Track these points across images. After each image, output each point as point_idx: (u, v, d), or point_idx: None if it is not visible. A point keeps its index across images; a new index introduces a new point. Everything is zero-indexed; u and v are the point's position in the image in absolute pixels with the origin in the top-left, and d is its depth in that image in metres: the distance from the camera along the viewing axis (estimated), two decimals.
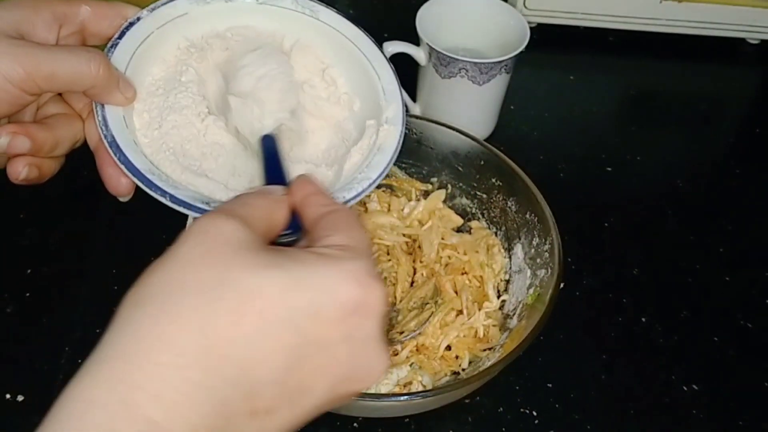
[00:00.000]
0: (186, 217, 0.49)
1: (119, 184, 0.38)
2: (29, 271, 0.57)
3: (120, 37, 0.40)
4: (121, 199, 0.39)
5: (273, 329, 0.26)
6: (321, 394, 0.28)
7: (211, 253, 0.27)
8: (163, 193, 0.36)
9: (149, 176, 0.37)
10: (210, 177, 0.40)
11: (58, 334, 0.54)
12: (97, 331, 0.59)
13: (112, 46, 0.39)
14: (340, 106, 0.45)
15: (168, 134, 0.40)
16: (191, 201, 0.37)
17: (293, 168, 0.41)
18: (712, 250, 0.65)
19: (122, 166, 0.37)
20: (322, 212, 0.32)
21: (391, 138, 0.42)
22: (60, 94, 0.39)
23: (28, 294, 0.56)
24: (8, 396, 0.50)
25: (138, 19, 0.41)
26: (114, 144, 0.37)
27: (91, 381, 0.25)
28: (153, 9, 0.42)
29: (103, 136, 0.37)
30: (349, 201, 0.39)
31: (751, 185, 0.71)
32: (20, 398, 0.50)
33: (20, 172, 0.37)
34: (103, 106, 0.38)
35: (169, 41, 0.43)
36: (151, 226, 0.61)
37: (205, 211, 0.36)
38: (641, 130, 0.75)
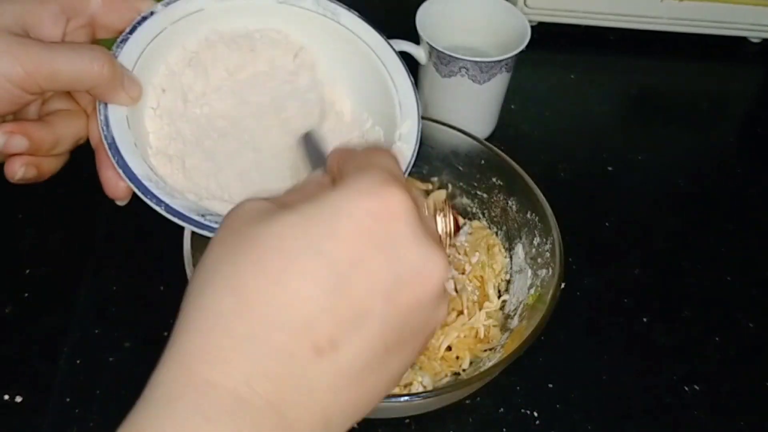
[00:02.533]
0: None
1: (117, 188, 0.37)
2: (28, 271, 0.57)
3: (131, 32, 0.39)
4: (119, 203, 0.38)
5: (298, 263, 0.26)
6: (381, 311, 0.26)
7: (231, 227, 0.27)
8: (159, 201, 0.36)
9: (146, 182, 0.36)
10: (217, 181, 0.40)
11: (57, 334, 0.53)
12: (96, 331, 0.59)
13: (122, 41, 0.38)
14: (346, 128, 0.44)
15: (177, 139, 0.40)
16: (186, 212, 0.36)
17: (297, 176, 0.40)
18: (714, 250, 0.65)
19: (120, 170, 0.36)
20: (350, 155, 0.31)
21: (401, 157, 0.40)
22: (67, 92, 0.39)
23: (26, 294, 0.56)
24: (7, 397, 0.50)
25: (151, 13, 0.39)
26: (113, 146, 0.36)
27: (163, 365, 0.26)
28: (168, 3, 0.40)
29: (103, 137, 0.36)
30: None
31: (752, 185, 0.71)
32: (18, 399, 0.50)
33: (16, 171, 0.36)
34: (106, 105, 0.37)
35: (183, 38, 0.41)
36: (151, 227, 0.61)
37: (200, 222, 0.36)
38: (642, 130, 0.75)
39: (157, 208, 0.36)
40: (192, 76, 0.41)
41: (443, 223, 0.33)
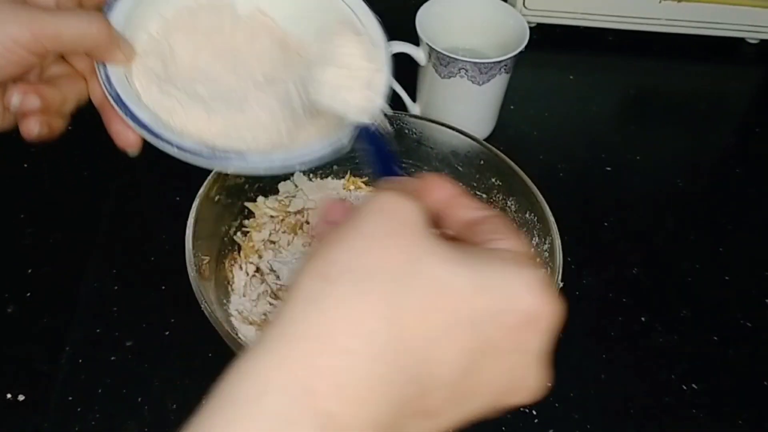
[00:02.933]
0: (186, 217, 0.49)
1: (127, 138, 0.39)
2: (30, 271, 0.57)
3: None
4: (129, 153, 0.40)
5: (457, 328, 0.25)
6: (482, 404, 0.27)
7: (397, 234, 0.26)
8: (170, 143, 0.38)
9: (155, 129, 0.38)
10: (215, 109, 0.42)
11: (59, 334, 0.54)
12: (98, 331, 0.60)
13: (107, 8, 0.41)
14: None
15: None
16: (197, 149, 0.38)
17: (285, 113, 0.42)
18: (712, 250, 0.65)
19: (128, 120, 0.38)
20: (479, 215, 0.30)
21: (379, 81, 0.42)
22: (62, 57, 0.41)
23: (28, 294, 0.56)
24: (9, 396, 0.50)
25: None
26: (119, 100, 0.38)
27: (271, 361, 0.23)
28: None
29: (107, 94, 0.39)
30: (343, 145, 0.40)
31: (750, 185, 0.71)
32: (21, 398, 0.50)
33: (33, 129, 0.38)
34: (104, 65, 0.39)
35: (163, 3, 0.44)
36: (151, 227, 0.61)
37: (212, 156, 0.38)
38: (641, 130, 0.75)
39: (169, 150, 0.38)
40: (172, 40, 0.44)
41: None
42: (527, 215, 0.54)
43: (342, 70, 0.40)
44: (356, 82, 0.40)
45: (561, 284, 0.49)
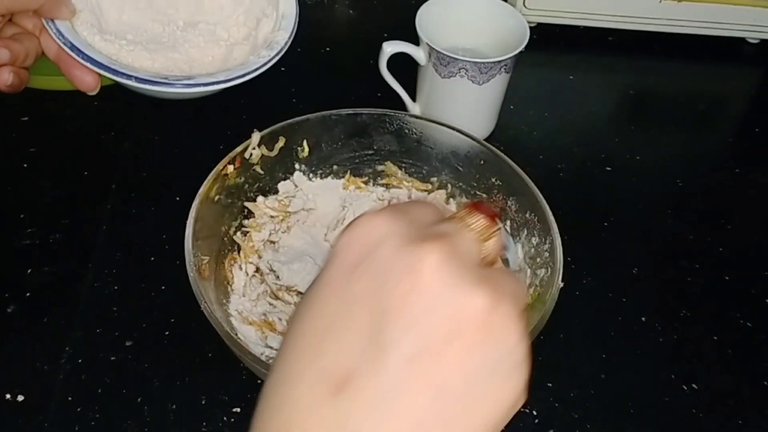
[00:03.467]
0: (185, 217, 0.49)
1: (86, 81, 0.45)
2: (30, 271, 0.57)
3: None
4: (90, 93, 0.46)
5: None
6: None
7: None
8: (128, 76, 0.44)
9: (113, 66, 0.44)
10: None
11: (59, 334, 0.54)
12: (98, 331, 0.60)
13: None
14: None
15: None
16: (153, 79, 0.45)
17: (213, 48, 0.50)
18: (712, 250, 0.65)
19: (87, 64, 0.44)
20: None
21: (289, 6, 0.52)
22: (11, 20, 0.46)
23: (28, 294, 0.56)
24: (8, 396, 0.50)
25: None
26: (74, 48, 0.44)
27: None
28: None
29: (62, 45, 0.44)
30: (273, 58, 0.49)
31: (750, 185, 0.71)
32: (20, 398, 0.50)
33: (7, 78, 0.44)
34: (53, 21, 0.44)
35: None
36: (151, 227, 0.61)
37: (167, 83, 0.45)
38: (641, 130, 0.75)
39: (128, 82, 0.44)
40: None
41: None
42: (527, 215, 0.54)
43: None
44: None
45: (561, 284, 0.49)
